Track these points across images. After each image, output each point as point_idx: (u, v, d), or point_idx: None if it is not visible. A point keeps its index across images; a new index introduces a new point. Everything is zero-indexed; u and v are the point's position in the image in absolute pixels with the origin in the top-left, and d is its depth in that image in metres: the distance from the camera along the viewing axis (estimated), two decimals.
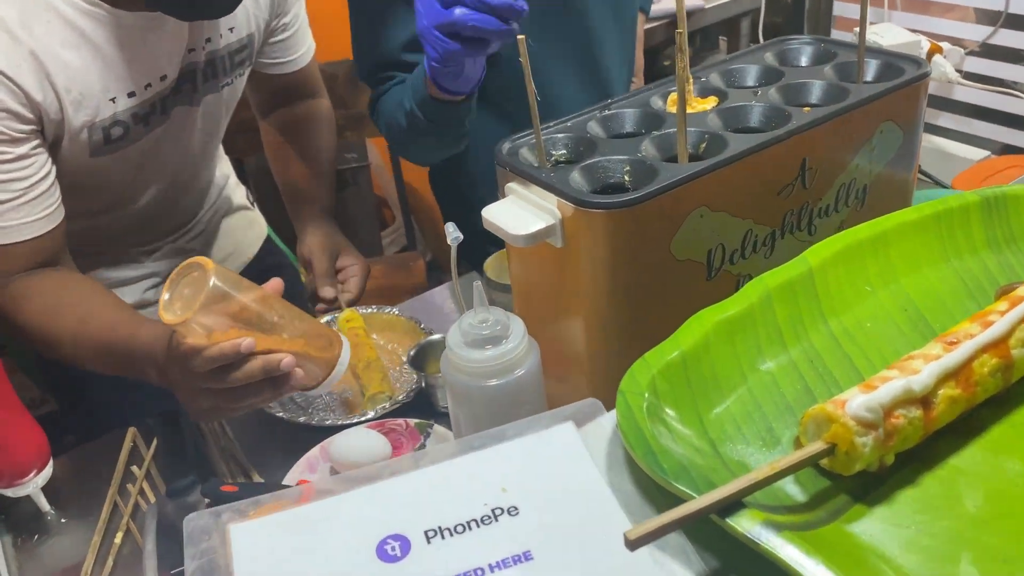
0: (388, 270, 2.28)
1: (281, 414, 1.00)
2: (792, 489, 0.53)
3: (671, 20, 2.50)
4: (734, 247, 0.82)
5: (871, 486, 0.53)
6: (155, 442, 1.01)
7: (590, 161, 0.82)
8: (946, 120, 1.56)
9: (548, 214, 0.77)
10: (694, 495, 0.49)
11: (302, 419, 0.99)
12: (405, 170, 2.30)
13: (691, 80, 0.93)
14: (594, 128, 0.89)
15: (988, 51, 1.49)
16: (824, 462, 0.53)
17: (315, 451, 0.95)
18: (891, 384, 0.52)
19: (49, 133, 0.96)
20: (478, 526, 0.53)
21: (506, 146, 0.85)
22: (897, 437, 0.52)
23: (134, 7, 0.97)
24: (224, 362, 0.80)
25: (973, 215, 0.73)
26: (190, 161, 1.19)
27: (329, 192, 1.34)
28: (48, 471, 0.93)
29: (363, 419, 0.98)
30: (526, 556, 0.51)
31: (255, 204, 1.46)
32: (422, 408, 1.00)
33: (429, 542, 0.52)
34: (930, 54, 1.45)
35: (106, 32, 0.96)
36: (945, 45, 1.46)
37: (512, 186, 0.82)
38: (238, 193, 1.40)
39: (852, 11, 1.58)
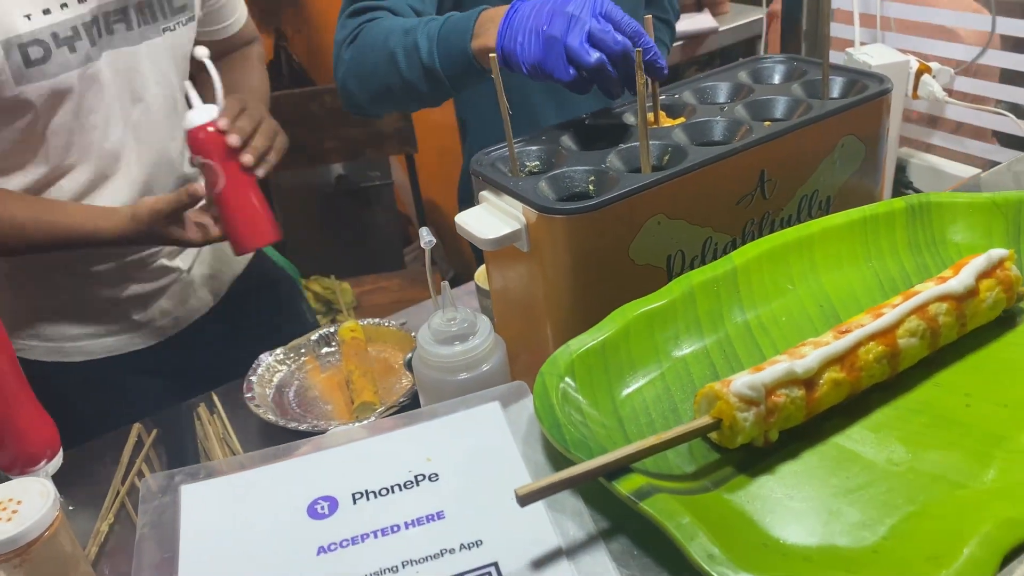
0: (406, 284, 2.36)
1: (279, 421, 1.06)
2: (681, 461, 0.58)
3: (686, 41, 2.56)
4: (694, 254, 0.86)
5: (756, 460, 0.58)
6: (154, 432, 1.08)
7: (557, 171, 0.87)
8: (938, 139, 1.59)
9: (515, 220, 0.82)
10: None
11: (303, 427, 1.05)
12: (424, 188, 2.38)
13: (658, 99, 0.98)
14: (566, 141, 0.94)
15: (978, 71, 1.52)
16: (713, 436, 0.58)
17: (305, 446, 1.00)
18: (776, 366, 0.57)
19: None
20: (400, 490, 0.59)
21: (482, 157, 0.90)
22: (779, 414, 0.57)
23: None
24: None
25: (898, 220, 0.77)
26: (151, 121, 1.18)
27: None
28: (58, 459, 0.98)
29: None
30: (439, 515, 0.57)
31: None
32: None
33: (355, 503, 0.58)
34: (919, 74, 1.48)
35: None
36: (935, 65, 1.49)
37: (485, 194, 0.87)
38: None
39: (846, 32, 1.62)
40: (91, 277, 1.25)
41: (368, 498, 0.58)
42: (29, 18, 0.98)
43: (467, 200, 1.55)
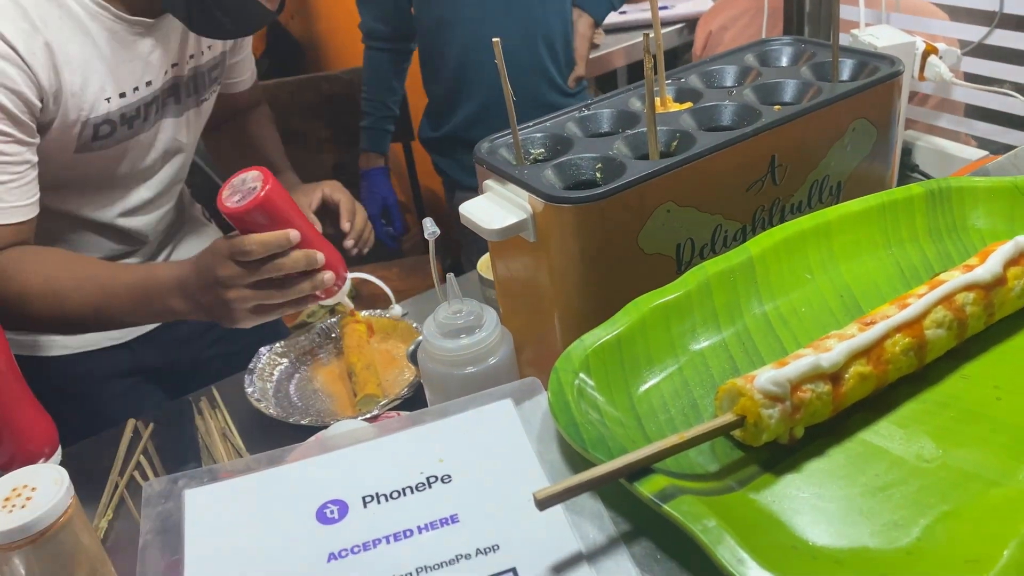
0: (404, 273, 2.33)
1: (281, 416, 1.04)
2: (704, 460, 0.56)
3: (685, 24, 2.53)
4: (704, 242, 0.84)
5: (781, 457, 0.56)
6: (151, 426, 1.06)
7: (563, 159, 0.85)
8: (946, 121, 1.56)
9: (521, 209, 0.80)
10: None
11: (306, 421, 1.03)
12: (421, 174, 2.35)
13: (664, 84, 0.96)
14: (572, 128, 0.92)
15: (986, 51, 1.49)
16: (736, 434, 0.56)
17: (310, 442, 0.99)
18: (800, 360, 0.55)
19: (44, 123, 1.01)
20: (412, 492, 0.57)
21: (485, 145, 0.88)
22: (804, 410, 0.55)
23: (136, 11, 1.04)
24: (275, 249, 0.93)
25: (917, 206, 0.75)
26: (173, 173, 1.25)
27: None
28: (57, 456, 0.97)
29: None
30: (453, 519, 0.54)
31: (211, 219, 1.49)
32: (418, 402, 1.04)
33: (366, 506, 0.56)
34: (925, 55, 1.46)
35: (107, 33, 1.03)
36: (941, 46, 1.47)
37: (489, 183, 0.85)
38: (195, 210, 1.44)
39: (850, 13, 1.59)
40: None
41: (379, 501, 0.56)
42: (108, 100, 1.06)
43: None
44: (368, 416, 1.01)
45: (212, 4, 1.00)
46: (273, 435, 1.04)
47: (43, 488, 0.60)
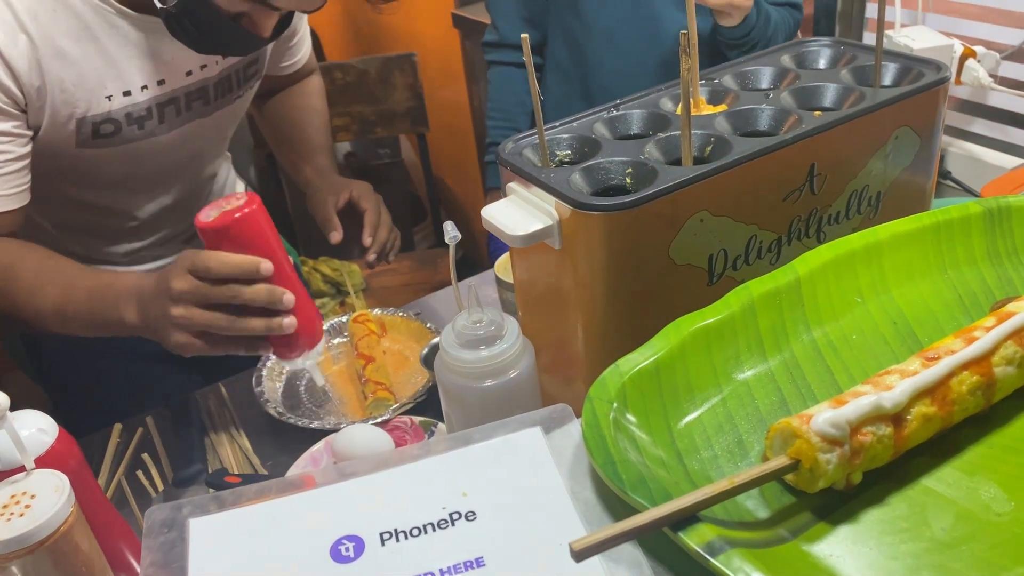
0: (416, 266, 2.29)
1: (291, 419, 1.01)
2: (753, 505, 0.52)
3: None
4: (737, 253, 0.80)
5: (836, 505, 0.51)
6: (139, 431, 1.02)
7: (591, 162, 0.81)
8: (980, 127, 1.51)
9: (546, 215, 0.76)
10: (649, 507, 0.48)
11: (314, 424, 0.99)
12: (435, 166, 2.31)
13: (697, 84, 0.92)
14: (600, 129, 0.88)
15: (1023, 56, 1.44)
16: (789, 478, 0.52)
17: (319, 446, 0.95)
18: (860, 400, 0.51)
19: (31, 118, 0.98)
20: (434, 530, 0.52)
21: (509, 146, 0.84)
22: (864, 455, 0.50)
23: (142, 8, 0.99)
24: (239, 273, 0.84)
25: (975, 226, 0.71)
26: (199, 167, 1.23)
27: (332, 149, 1.41)
28: (320, 347, 0.97)
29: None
30: (478, 562, 0.50)
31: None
32: (431, 406, 1.00)
33: (383, 544, 0.52)
34: (963, 58, 1.41)
35: (111, 30, 0.99)
36: (980, 49, 1.42)
37: (513, 186, 0.81)
38: (236, 189, 1.42)
39: (886, 13, 1.54)
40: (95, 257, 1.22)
41: (398, 539, 0.52)
42: (110, 99, 1.01)
43: None
44: (379, 421, 0.97)
45: (209, 29, 0.96)
46: (282, 437, 1.00)
47: (43, 496, 0.57)
